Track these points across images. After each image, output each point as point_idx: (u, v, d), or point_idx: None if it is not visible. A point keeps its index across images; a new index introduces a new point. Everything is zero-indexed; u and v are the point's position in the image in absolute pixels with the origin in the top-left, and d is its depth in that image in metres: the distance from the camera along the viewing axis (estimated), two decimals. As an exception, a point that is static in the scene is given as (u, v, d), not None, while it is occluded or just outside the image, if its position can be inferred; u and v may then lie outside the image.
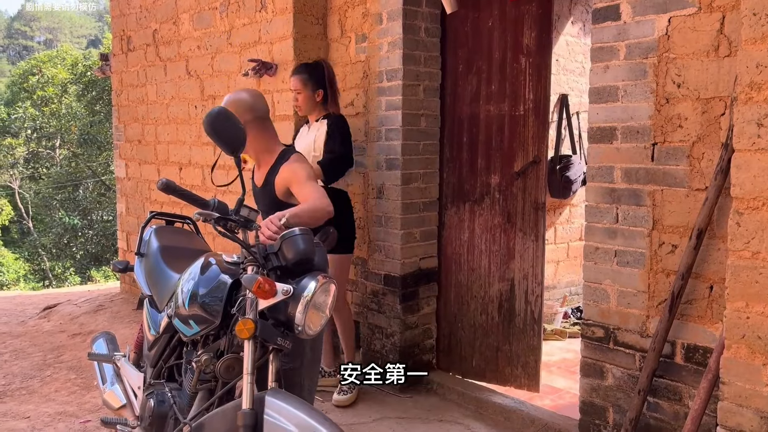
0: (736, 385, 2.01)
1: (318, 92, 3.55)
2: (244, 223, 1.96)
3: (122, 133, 6.34)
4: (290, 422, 1.71)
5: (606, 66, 2.69)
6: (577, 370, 2.93)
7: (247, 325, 1.78)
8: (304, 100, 3.56)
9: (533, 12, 3.41)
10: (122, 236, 6.60)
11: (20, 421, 3.51)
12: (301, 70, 3.58)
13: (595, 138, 2.76)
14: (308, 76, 3.53)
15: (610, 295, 2.73)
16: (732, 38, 2.32)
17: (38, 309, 6.44)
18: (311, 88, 3.54)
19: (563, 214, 5.25)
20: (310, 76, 3.53)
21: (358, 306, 4.11)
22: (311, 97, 3.55)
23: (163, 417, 2.20)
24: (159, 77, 5.60)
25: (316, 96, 3.55)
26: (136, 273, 2.75)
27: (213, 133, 1.98)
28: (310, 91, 3.54)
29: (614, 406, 2.74)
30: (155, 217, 2.90)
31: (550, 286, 5.15)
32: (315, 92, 3.55)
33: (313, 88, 3.54)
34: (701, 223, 2.37)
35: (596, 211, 2.77)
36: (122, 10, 6.09)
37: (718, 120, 2.38)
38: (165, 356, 2.38)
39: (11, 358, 4.68)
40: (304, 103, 3.57)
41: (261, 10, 4.29)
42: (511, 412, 3.32)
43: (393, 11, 3.69)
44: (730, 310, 2.02)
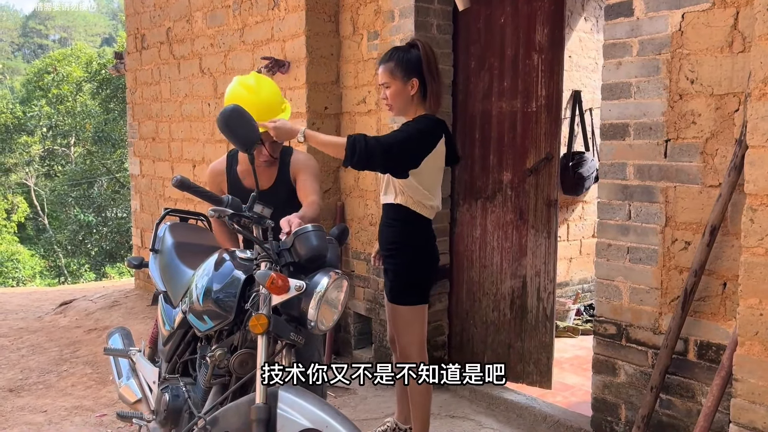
0: (750, 382, 2.01)
1: (411, 82, 2.63)
2: (258, 219, 1.97)
3: (136, 131, 6.39)
4: (303, 416, 1.73)
5: (619, 62, 2.68)
6: (589, 367, 2.93)
7: (261, 321, 1.80)
8: (395, 95, 2.65)
9: (546, 8, 3.40)
10: (136, 233, 6.66)
11: (37, 415, 3.56)
12: (389, 55, 2.67)
13: (607, 135, 2.75)
14: (397, 62, 2.63)
15: (622, 292, 2.73)
16: (746, 34, 2.30)
17: (54, 305, 6.52)
18: (401, 78, 2.63)
19: (576, 211, 5.24)
20: (399, 62, 2.63)
21: (370, 302, 4.12)
22: (403, 90, 2.64)
23: (178, 411, 2.23)
24: (173, 75, 5.64)
25: (409, 88, 2.64)
26: (151, 269, 2.78)
27: (227, 130, 2.00)
28: (400, 82, 2.64)
29: (626, 403, 2.74)
30: (169, 213, 2.93)
31: (563, 283, 5.14)
32: (407, 82, 2.64)
33: (404, 78, 2.63)
34: (714, 220, 2.35)
35: (609, 207, 2.76)
36: (136, 9, 6.14)
37: (731, 116, 2.36)
38: (179, 351, 2.40)
39: (28, 353, 4.75)
40: (396, 99, 2.66)
41: (274, 8, 4.31)
42: (523, 408, 3.32)
43: (405, 8, 3.69)
44: (744, 307, 2.01)
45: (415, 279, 2.71)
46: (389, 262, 2.75)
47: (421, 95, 2.68)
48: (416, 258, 2.72)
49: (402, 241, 2.72)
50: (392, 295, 2.74)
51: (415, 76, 2.64)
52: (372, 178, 4.04)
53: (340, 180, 4.29)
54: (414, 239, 2.72)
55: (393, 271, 2.73)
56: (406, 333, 2.74)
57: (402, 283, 2.71)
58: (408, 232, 2.71)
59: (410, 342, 2.74)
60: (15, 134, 20.64)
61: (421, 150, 2.60)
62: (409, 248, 2.71)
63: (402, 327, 2.74)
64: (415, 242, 2.72)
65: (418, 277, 2.71)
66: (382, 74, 2.68)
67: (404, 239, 2.71)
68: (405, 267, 2.71)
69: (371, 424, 3.29)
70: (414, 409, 2.79)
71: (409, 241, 2.71)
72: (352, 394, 3.68)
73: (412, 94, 2.66)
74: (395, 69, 2.64)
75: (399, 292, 2.71)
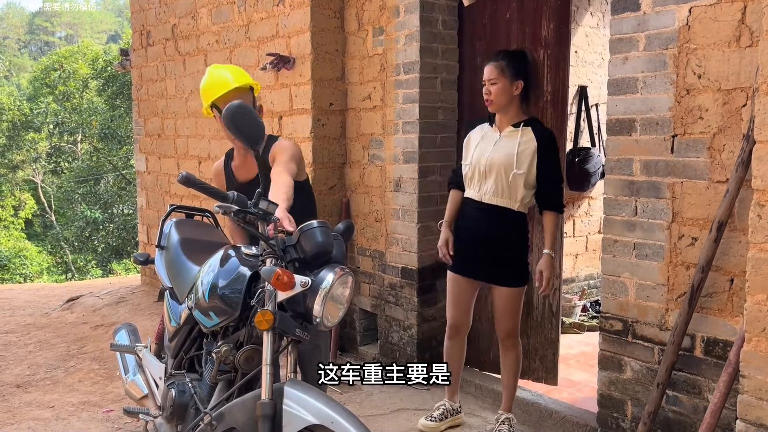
0: (757, 378, 2.00)
1: (517, 83, 2.87)
2: (263, 215, 1.97)
3: (142, 128, 6.41)
4: (309, 412, 1.73)
5: (625, 57, 2.67)
6: (595, 364, 2.92)
7: (266, 317, 1.80)
8: (500, 92, 2.86)
9: (551, 3, 3.39)
10: (143, 229, 6.68)
11: (45, 411, 3.58)
12: (500, 56, 2.92)
13: (614, 130, 2.74)
14: (507, 62, 2.87)
15: (628, 288, 2.72)
16: (753, 28, 2.28)
17: (61, 301, 6.55)
18: (509, 78, 2.86)
19: (582, 207, 5.22)
20: (509, 63, 2.87)
21: (375, 299, 4.12)
22: (508, 89, 2.86)
23: (184, 407, 2.24)
24: (178, 72, 5.64)
25: (514, 88, 2.87)
26: (157, 265, 2.79)
27: (233, 126, 2.00)
28: (507, 81, 2.86)
29: (633, 400, 2.73)
30: (175, 210, 2.94)
31: (569, 279, 5.13)
32: (514, 83, 2.87)
33: (511, 78, 2.86)
34: (722, 216, 2.34)
35: (615, 203, 2.75)
36: (142, 6, 6.15)
37: (739, 111, 2.35)
38: (185, 347, 2.41)
39: (36, 348, 4.77)
40: (499, 95, 2.87)
41: (279, 4, 4.31)
42: (529, 405, 3.31)
43: (410, 4, 3.68)
44: (751, 303, 2.00)
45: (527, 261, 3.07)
46: (506, 252, 2.97)
47: (521, 97, 2.92)
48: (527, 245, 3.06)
49: (518, 233, 2.99)
50: (512, 280, 2.99)
51: (521, 79, 2.88)
52: (378, 174, 4.03)
53: (345, 176, 4.29)
54: (525, 230, 3.03)
55: (510, 258, 2.98)
56: (517, 314, 3.05)
57: (521, 267, 3.01)
58: (522, 224, 3.01)
59: (517, 322, 3.08)
60: (22, 131, 20.74)
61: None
62: (524, 237, 3.02)
63: (515, 310, 3.03)
64: (525, 232, 3.04)
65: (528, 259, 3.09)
66: (491, 70, 2.88)
67: (521, 233, 3.00)
68: (522, 252, 3.02)
69: (377, 419, 3.30)
70: (511, 377, 3.12)
71: (523, 232, 3.01)
72: (357, 390, 3.69)
73: (515, 94, 2.89)
74: (506, 68, 2.86)
75: (518, 274, 3.00)
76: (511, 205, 2.91)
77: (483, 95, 2.94)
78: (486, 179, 2.92)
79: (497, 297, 3.03)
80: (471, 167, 2.98)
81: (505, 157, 2.87)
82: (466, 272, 3.07)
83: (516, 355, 3.10)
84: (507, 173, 2.86)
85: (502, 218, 2.93)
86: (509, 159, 2.85)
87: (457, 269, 3.10)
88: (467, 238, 3.03)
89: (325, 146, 4.16)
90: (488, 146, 2.94)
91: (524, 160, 2.85)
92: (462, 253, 3.06)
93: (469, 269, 3.05)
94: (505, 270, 2.96)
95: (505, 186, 2.88)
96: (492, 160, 2.89)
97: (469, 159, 3.00)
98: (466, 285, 3.10)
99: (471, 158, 2.98)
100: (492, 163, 2.89)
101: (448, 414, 3.22)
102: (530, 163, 2.85)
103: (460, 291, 3.11)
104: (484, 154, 2.92)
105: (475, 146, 2.99)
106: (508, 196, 2.90)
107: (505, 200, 2.91)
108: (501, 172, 2.87)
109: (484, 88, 2.92)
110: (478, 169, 2.94)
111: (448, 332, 3.22)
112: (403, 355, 3.91)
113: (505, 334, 3.06)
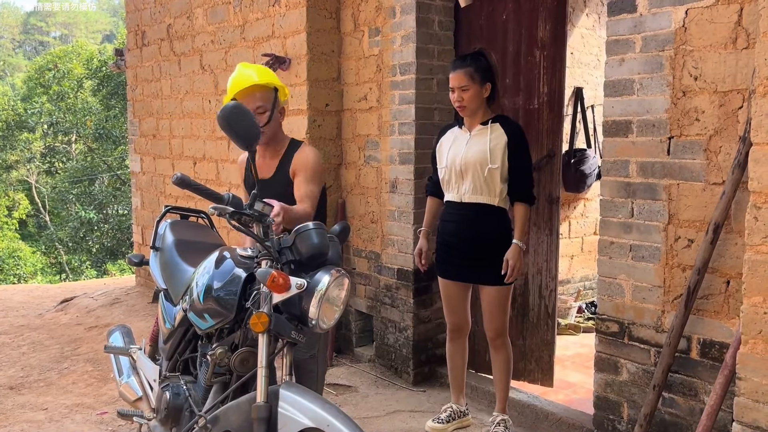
0: (753, 380, 2.00)
1: (486, 86, 2.94)
2: (258, 217, 1.96)
3: (137, 128, 6.38)
4: (304, 415, 1.72)
5: (621, 59, 2.67)
6: (591, 365, 2.92)
7: (262, 319, 1.79)
8: (472, 97, 2.91)
9: (548, 4, 3.38)
10: (137, 230, 6.66)
11: (38, 413, 3.55)
12: (465, 62, 2.95)
13: (610, 132, 2.74)
14: (475, 68, 2.91)
15: (625, 289, 2.72)
16: (750, 30, 2.28)
17: (55, 302, 6.52)
18: (479, 82, 2.92)
19: (578, 208, 5.22)
20: (477, 68, 2.91)
21: (371, 300, 4.12)
22: (479, 93, 2.92)
23: (179, 409, 2.22)
24: (173, 72, 5.62)
25: (484, 91, 2.94)
26: (152, 267, 2.77)
27: (227, 127, 1.98)
28: (478, 86, 2.91)
29: (629, 402, 2.73)
30: (170, 211, 2.92)
31: (565, 281, 5.13)
32: (483, 87, 2.93)
33: (481, 82, 2.92)
34: (718, 218, 2.34)
35: (611, 205, 2.75)
36: (137, 6, 6.13)
37: (735, 113, 2.35)
38: (180, 349, 2.40)
39: (29, 350, 4.74)
40: (472, 101, 2.92)
41: (274, 5, 4.30)
42: (525, 406, 3.31)
43: (406, 4, 3.67)
44: (747, 305, 2.00)
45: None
46: (490, 251, 2.97)
47: (489, 98, 2.99)
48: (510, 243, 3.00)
49: (502, 230, 2.99)
50: (498, 279, 2.96)
51: (489, 81, 2.95)
52: (373, 175, 4.02)
53: (341, 177, 4.28)
54: (509, 227, 3.02)
55: (494, 258, 2.95)
56: (505, 314, 3.06)
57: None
58: (505, 223, 3.02)
59: (506, 320, 3.08)
60: (16, 131, 20.63)
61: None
62: (507, 237, 2.99)
63: (502, 309, 3.04)
64: (509, 230, 3.02)
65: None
66: (460, 78, 2.91)
67: (504, 230, 3.00)
68: (506, 251, 2.97)
69: (373, 422, 3.29)
70: (503, 377, 3.11)
71: (506, 230, 3.01)
72: (353, 392, 3.68)
73: (485, 97, 2.96)
74: (474, 73, 2.91)
75: (503, 274, 2.96)
76: (491, 200, 2.95)
77: (454, 102, 2.98)
78: (463, 179, 2.97)
79: (484, 297, 3.05)
80: (447, 170, 3.03)
81: (478, 153, 2.92)
82: (454, 276, 3.09)
83: (506, 354, 3.10)
84: (483, 169, 2.91)
85: (485, 215, 2.97)
86: (483, 155, 2.91)
87: (445, 274, 3.13)
88: (452, 241, 3.05)
89: (321, 147, 4.14)
90: (461, 147, 2.99)
91: (497, 154, 2.91)
92: (448, 257, 3.08)
93: (456, 273, 3.08)
94: (490, 270, 2.97)
95: (483, 182, 2.93)
96: (467, 159, 2.94)
97: (444, 162, 3.05)
98: (456, 288, 3.12)
99: (446, 161, 3.03)
100: (467, 162, 2.94)
101: (455, 416, 3.22)
102: (503, 157, 2.91)
103: (452, 295, 3.14)
104: (459, 155, 2.97)
105: (448, 149, 3.04)
106: (488, 192, 2.94)
107: (484, 197, 2.95)
108: (477, 169, 2.92)
109: (454, 95, 2.96)
110: (455, 170, 2.99)
111: (449, 335, 3.24)
112: (399, 357, 3.90)
113: (494, 334, 3.07)
